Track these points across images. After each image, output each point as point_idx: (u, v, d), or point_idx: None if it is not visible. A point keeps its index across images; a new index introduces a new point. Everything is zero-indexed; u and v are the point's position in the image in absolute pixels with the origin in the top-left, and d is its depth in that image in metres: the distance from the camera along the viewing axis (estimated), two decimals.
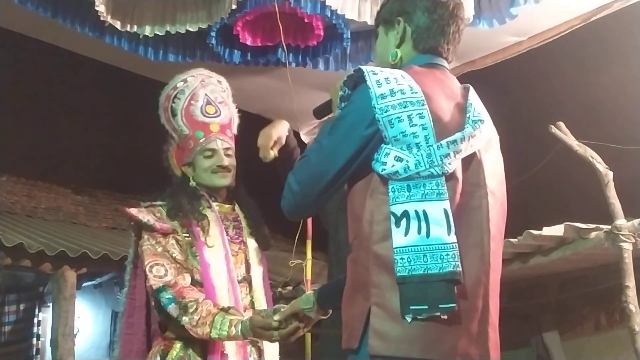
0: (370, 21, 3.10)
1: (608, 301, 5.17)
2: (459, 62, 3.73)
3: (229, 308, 1.99)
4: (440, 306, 1.31)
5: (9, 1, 2.92)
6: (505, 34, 3.53)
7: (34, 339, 7.32)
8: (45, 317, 7.39)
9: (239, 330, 1.90)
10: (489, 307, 1.43)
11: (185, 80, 2.27)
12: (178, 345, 2.07)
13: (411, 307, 1.31)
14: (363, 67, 1.46)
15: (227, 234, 2.19)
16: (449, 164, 1.38)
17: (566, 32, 3.56)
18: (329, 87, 1.62)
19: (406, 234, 1.33)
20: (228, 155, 2.23)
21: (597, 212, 3.95)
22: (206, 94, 2.25)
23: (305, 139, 4.74)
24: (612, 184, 3.77)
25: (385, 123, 1.37)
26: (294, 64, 3.35)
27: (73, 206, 8.97)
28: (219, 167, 2.19)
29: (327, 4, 2.86)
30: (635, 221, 3.68)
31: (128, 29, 3.01)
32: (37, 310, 7.43)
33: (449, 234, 1.33)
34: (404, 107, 1.37)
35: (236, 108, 2.37)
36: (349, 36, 3.18)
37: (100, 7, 2.84)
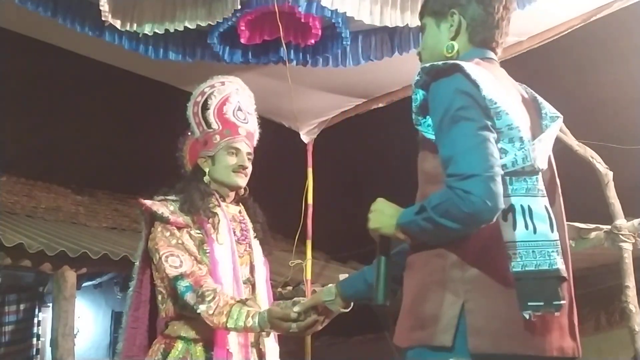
0: (369, 20, 3.10)
1: (608, 301, 5.18)
2: None
3: (247, 299, 1.99)
4: (554, 303, 1.31)
5: (9, 1, 2.92)
6: None
7: (34, 339, 7.31)
8: (45, 317, 7.39)
9: (256, 322, 1.89)
10: (573, 299, 1.45)
11: (223, 83, 2.32)
12: (180, 344, 2.07)
13: (529, 304, 1.30)
14: (457, 61, 1.40)
15: (234, 235, 2.21)
16: (545, 159, 1.40)
17: (566, 32, 3.56)
18: (328, 87, 1.60)
19: (515, 228, 1.32)
20: (249, 160, 2.27)
21: (597, 212, 3.96)
22: (238, 101, 2.31)
23: (305, 139, 4.74)
24: (612, 184, 3.78)
25: (494, 114, 1.35)
26: (294, 62, 3.35)
27: (73, 206, 8.97)
28: (240, 167, 2.22)
29: (322, 4, 2.86)
30: (635, 221, 3.69)
31: (128, 27, 3.01)
32: (37, 310, 7.42)
33: (552, 230, 1.34)
34: (505, 101, 1.36)
35: None
36: (348, 35, 3.17)
37: (105, 7, 2.85)
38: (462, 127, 1.33)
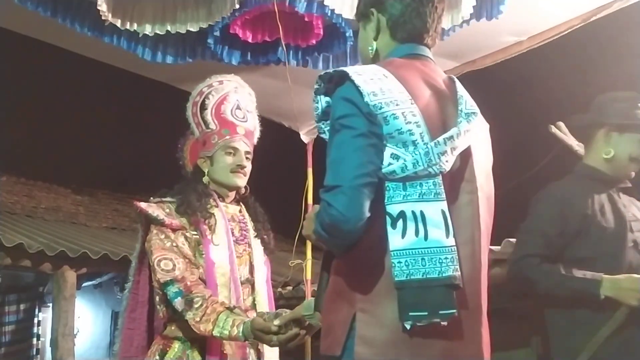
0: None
1: None
2: (459, 62, 3.71)
3: (234, 307, 1.99)
4: (441, 312, 1.26)
5: (9, 1, 2.92)
6: (505, 34, 3.51)
7: (34, 339, 7.33)
8: (45, 317, 7.39)
9: (241, 331, 1.90)
10: (480, 306, 1.39)
11: (221, 82, 2.32)
12: (177, 345, 2.07)
13: (410, 314, 1.26)
14: (346, 68, 1.40)
15: (233, 235, 2.20)
16: (446, 161, 1.32)
17: (566, 32, 3.55)
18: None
19: (403, 236, 1.27)
20: (247, 159, 2.26)
21: None
22: (237, 99, 2.31)
23: (305, 139, 4.73)
24: None
25: (381, 119, 1.31)
26: (294, 63, 3.34)
27: (73, 206, 8.98)
28: (238, 167, 2.22)
29: (325, 3, 2.85)
30: None
31: (128, 27, 3.00)
32: (37, 310, 7.44)
33: (447, 236, 1.28)
34: (396, 105, 1.32)
35: None
36: (352, 35, 3.17)
37: (102, 7, 2.84)
38: (340, 135, 1.34)
